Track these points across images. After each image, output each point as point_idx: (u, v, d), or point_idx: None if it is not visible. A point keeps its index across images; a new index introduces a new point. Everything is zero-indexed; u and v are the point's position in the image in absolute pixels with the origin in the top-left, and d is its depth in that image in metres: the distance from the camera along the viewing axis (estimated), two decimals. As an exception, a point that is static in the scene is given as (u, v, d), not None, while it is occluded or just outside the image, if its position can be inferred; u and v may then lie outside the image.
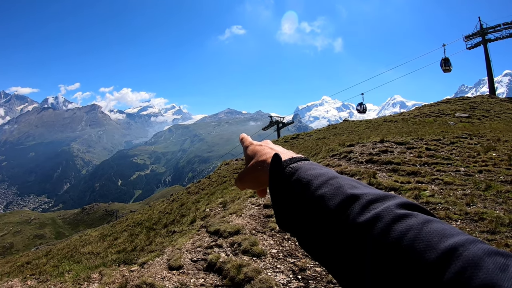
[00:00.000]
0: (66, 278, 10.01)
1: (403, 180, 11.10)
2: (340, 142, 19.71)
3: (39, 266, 14.31)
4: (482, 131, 20.52)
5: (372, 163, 14.03)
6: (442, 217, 7.86)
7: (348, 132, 31.19)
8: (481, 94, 59.67)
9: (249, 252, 7.67)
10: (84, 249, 15.13)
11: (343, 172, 12.90)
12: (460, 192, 9.76)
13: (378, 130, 27.71)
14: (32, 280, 11.35)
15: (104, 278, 8.88)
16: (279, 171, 1.03)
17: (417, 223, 0.71)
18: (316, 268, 6.78)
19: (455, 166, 12.51)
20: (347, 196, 0.84)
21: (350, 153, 16.08)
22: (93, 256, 13.13)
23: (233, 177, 24.93)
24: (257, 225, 9.26)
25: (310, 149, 22.11)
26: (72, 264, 12.28)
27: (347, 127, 36.77)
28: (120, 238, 15.48)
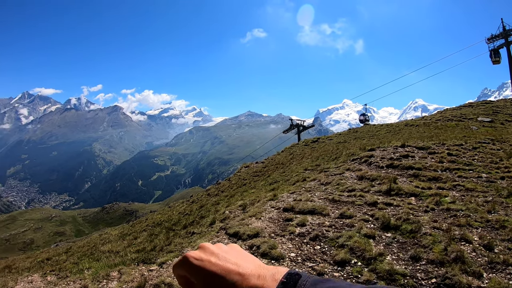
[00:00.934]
0: (86, 275, 10.14)
1: (424, 185, 11.00)
2: (361, 146, 19.58)
3: (59, 262, 14.49)
4: (505, 136, 20.15)
5: (393, 168, 13.92)
6: (462, 224, 7.81)
7: (369, 136, 30.97)
8: (504, 97, 58.69)
9: (268, 255, 7.68)
10: (104, 247, 15.28)
11: (363, 177, 12.87)
12: (481, 199, 9.64)
13: (399, 135, 27.46)
14: (52, 276, 11.50)
15: (123, 276, 8.99)
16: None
17: None
18: (334, 273, 6.78)
19: (477, 172, 12.34)
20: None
21: (371, 157, 15.97)
22: (112, 254, 13.26)
23: (254, 179, 24.95)
24: (276, 228, 9.27)
25: (330, 153, 22.01)
26: (91, 261, 12.42)
27: (368, 131, 36.50)
28: (139, 237, 15.62)
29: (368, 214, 9.13)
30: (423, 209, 9.04)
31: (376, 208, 9.49)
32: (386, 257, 6.82)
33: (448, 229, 7.41)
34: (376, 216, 8.75)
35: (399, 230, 7.88)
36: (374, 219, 8.68)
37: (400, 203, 9.60)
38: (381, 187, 11.25)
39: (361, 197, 10.55)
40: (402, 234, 7.70)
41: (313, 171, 16.71)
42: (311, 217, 9.38)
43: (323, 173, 15.25)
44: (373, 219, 8.73)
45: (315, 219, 9.27)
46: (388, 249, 7.21)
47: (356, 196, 10.65)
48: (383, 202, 9.80)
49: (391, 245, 7.35)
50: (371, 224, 8.45)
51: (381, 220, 8.40)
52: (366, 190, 11.25)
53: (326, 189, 12.11)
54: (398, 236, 7.66)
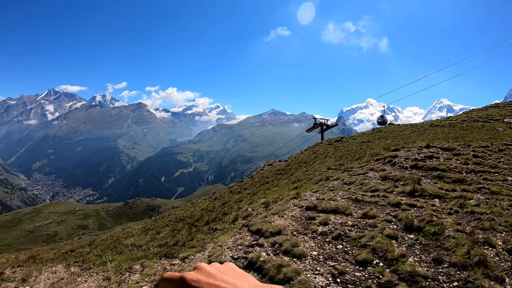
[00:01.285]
0: (109, 267, 10.35)
1: (448, 187, 10.91)
2: (385, 146, 19.47)
3: (82, 254, 14.77)
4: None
5: (417, 169, 13.83)
6: (486, 228, 7.75)
7: (393, 136, 30.72)
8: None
9: (290, 253, 7.75)
10: (126, 241, 15.52)
11: (387, 177, 12.83)
12: (506, 202, 9.50)
13: (424, 135, 27.19)
14: (76, 267, 11.75)
15: (145, 269, 9.17)
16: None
17: None
18: (356, 273, 6.81)
19: (503, 175, 12.17)
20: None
21: (395, 157, 15.88)
22: (135, 248, 13.48)
23: (277, 178, 24.99)
24: (299, 226, 9.32)
25: (354, 153, 21.93)
26: (114, 254, 12.66)
27: (392, 130, 36.20)
28: (162, 232, 15.80)
29: (391, 214, 9.12)
30: (447, 211, 8.97)
31: (400, 209, 9.47)
32: (408, 259, 6.81)
33: (472, 232, 7.36)
34: (399, 217, 8.73)
35: (422, 232, 7.85)
36: (397, 220, 8.66)
37: (423, 205, 9.55)
38: (404, 188, 11.20)
39: (385, 197, 10.53)
40: (425, 236, 7.67)
41: (336, 171, 16.70)
42: (333, 216, 9.42)
43: (346, 172, 15.24)
44: (396, 220, 8.71)
45: (338, 218, 9.30)
46: (411, 250, 7.20)
47: (380, 197, 10.63)
48: (406, 203, 9.77)
49: (414, 247, 7.34)
50: (394, 225, 8.44)
51: (404, 221, 8.38)
52: (390, 190, 11.22)
53: (349, 189, 12.11)
54: (421, 238, 7.64)
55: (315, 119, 55.88)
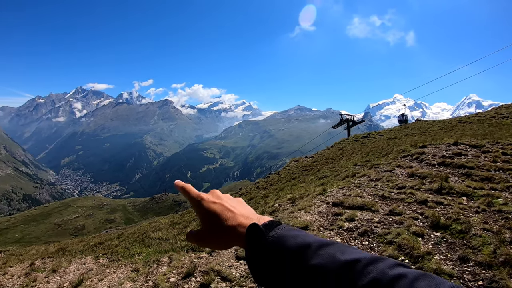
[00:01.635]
0: (137, 259, 10.62)
1: (476, 185, 10.80)
2: (412, 143, 19.31)
3: (111, 247, 15.14)
4: None
5: (445, 166, 13.70)
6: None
7: (420, 133, 30.41)
8: None
9: (317, 248, 7.81)
10: (154, 234, 15.79)
11: (414, 174, 12.79)
12: (536, 201, 9.41)
13: (452, 132, 26.86)
14: (104, 259, 12.08)
15: (173, 262, 9.36)
16: (260, 243, 1.07)
17: (407, 282, 0.83)
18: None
19: (533, 173, 12.02)
20: (341, 263, 0.93)
21: (422, 154, 15.76)
22: (162, 241, 13.71)
23: (303, 174, 25.03)
24: (325, 222, 9.39)
25: (381, 149, 21.84)
26: (142, 247, 12.93)
27: (420, 127, 35.83)
28: (189, 227, 16.00)
29: (418, 212, 9.09)
30: (474, 209, 8.89)
31: (426, 206, 9.43)
32: (434, 256, 6.82)
33: (499, 231, 7.30)
34: (425, 215, 8.71)
35: (448, 230, 7.82)
36: (424, 218, 8.64)
37: (450, 203, 9.50)
38: (432, 185, 11.15)
39: (411, 194, 10.50)
40: (451, 234, 7.64)
41: (363, 167, 16.69)
42: (360, 213, 9.46)
43: (373, 169, 15.22)
44: (423, 217, 8.69)
45: (364, 214, 9.34)
46: (437, 248, 7.19)
47: (406, 194, 10.61)
48: (433, 201, 9.73)
49: (440, 245, 7.33)
50: (421, 222, 8.42)
51: (430, 218, 8.37)
52: (417, 187, 11.18)
53: (376, 185, 12.12)
54: (447, 235, 7.61)
55: (341, 115, 55.50)
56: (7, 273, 12.85)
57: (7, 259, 16.29)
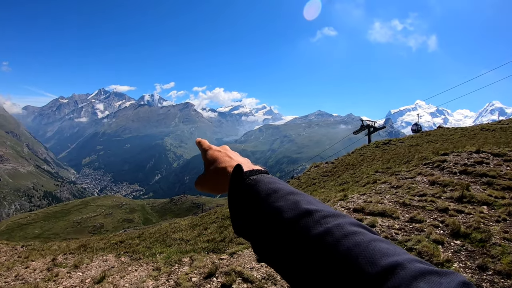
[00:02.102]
0: (158, 258, 10.82)
1: (497, 194, 10.77)
2: (434, 150, 19.21)
3: (132, 245, 15.33)
4: None
5: (466, 175, 13.65)
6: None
7: (442, 140, 30.16)
8: None
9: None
10: (175, 235, 15.94)
11: (435, 182, 12.81)
12: (557, 211, 9.39)
13: (474, 139, 26.60)
14: (126, 257, 12.32)
15: (194, 262, 9.53)
16: (239, 181, 1.13)
17: (364, 240, 0.85)
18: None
19: (556, 183, 11.94)
20: (302, 210, 0.96)
21: (444, 162, 15.69)
22: (183, 242, 13.87)
23: (323, 179, 25.07)
24: (346, 228, 9.48)
25: (402, 156, 21.77)
26: (163, 247, 13.12)
27: (442, 134, 35.53)
28: (209, 228, 16.12)
29: (438, 220, 9.14)
30: (494, 218, 8.90)
31: (447, 214, 9.47)
32: (453, 264, 6.89)
33: (519, 241, 7.37)
34: (446, 223, 8.76)
35: (468, 238, 7.86)
36: (444, 225, 8.69)
37: (471, 211, 9.52)
38: (453, 193, 11.16)
39: (432, 202, 10.53)
40: (471, 243, 7.68)
41: (384, 174, 16.70)
42: (381, 219, 9.54)
43: (394, 176, 15.23)
44: (443, 225, 8.73)
45: (385, 221, 9.41)
46: (456, 256, 7.26)
47: (427, 201, 10.64)
48: (454, 209, 9.75)
49: (459, 253, 7.39)
50: (441, 230, 8.47)
51: (451, 226, 8.42)
52: (438, 195, 11.21)
53: (397, 192, 12.17)
54: (467, 244, 7.66)
55: (362, 121, 55.18)
56: (30, 267, 13.15)
57: (29, 254, 16.65)
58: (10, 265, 13.60)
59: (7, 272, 12.48)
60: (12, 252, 18.05)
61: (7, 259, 15.93)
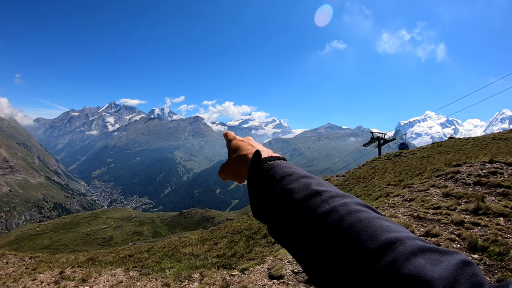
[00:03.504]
0: (167, 274, 10.68)
1: (514, 206, 10.63)
2: (446, 162, 19.00)
3: (141, 260, 15.24)
4: None
5: (480, 186, 13.45)
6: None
7: (454, 151, 29.92)
8: None
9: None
10: (184, 249, 15.84)
11: (449, 194, 12.63)
12: None
13: (486, 149, 26.36)
14: (134, 272, 12.19)
15: (205, 278, 9.38)
16: (257, 166, 1.18)
17: (367, 217, 0.89)
18: None
19: None
20: (312, 191, 0.99)
21: (457, 173, 15.50)
22: (193, 257, 13.76)
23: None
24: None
25: (414, 168, 21.58)
26: (173, 262, 12.99)
27: (453, 145, 35.27)
28: (219, 243, 16.01)
29: (455, 233, 8.96)
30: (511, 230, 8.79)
31: (463, 227, 9.28)
32: (472, 279, 6.75)
33: (539, 253, 7.21)
34: (463, 236, 8.58)
35: (486, 252, 7.67)
36: (461, 239, 8.50)
37: (488, 223, 9.34)
38: (468, 205, 10.99)
39: (447, 215, 10.36)
40: (490, 256, 7.49)
41: (396, 187, 16.54)
42: (395, 234, 9.37)
43: (406, 188, 15.07)
44: (460, 238, 8.55)
45: (400, 236, 9.25)
46: (475, 270, 7.10)
47: (442, 214, 10.48)
48: (470, 222, 9.57)
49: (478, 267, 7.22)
50: (458, 244, 8.30)
51: (468, 240, 8.24)
52: (452, 208, 11.03)
53: (410, 206, 12.00)
54: (485, 258, 7.47)
55: (372, 133, 54.97)
56: (37, 279, 13.02)
57: (37, 265, 16.55)
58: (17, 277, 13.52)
59: (14, 284, 12.41)
60: (20, 263, 18.03)
61: (15, 270, 15.88)
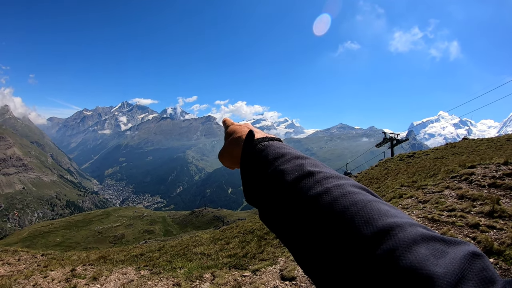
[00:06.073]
0: (179, 273, 10.67)
1: (530, 208, 10.49)
2: (460, 163, 18.81)
3: (152, 259, 15.22)
4: None
5: (495, 188, 13.28)
6: None
7: (468, 152, 29.62)
8: None
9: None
10: (196, 249, 15.81)
11: (464, 196, 12.50)
12: None
13: (501, 150, 26.04)
14: (146, 271, 12.21)
15: (216, 279, 9.36)
16: (250, 146, 1.14)
17: (363, 200, 0.79)
18: None
19: None
20: (305, 172, 0.93)
21: (472, 175, 15.32)
22: (204, 257, 13.72)
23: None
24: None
25: (427, 169, 21.39)
26: (184, 261, 12.96)
27: (467, 146, 34.93)
28: (231, 243, 15.97)
29: (470, 236, 8.85)
30: (528, 234, 8.64)
31: (478, 230, 9.16)
32: (488, 283, 6.67)
33: (556, 257, 7.10)
34: (478, 239, 8.45)
35: (502, 256, 7.55)
36: (476, 242, 8.37)
37: (503, 227, 9.19)
38: (483, 208, 10.85)
39: (462, 217, 10.24)
40: (505, 260, 7.38)
41: (410, 188, 16.41)
42: (409, 236, 9.29)
43: (420, 190, 14.95)
44: (475, 242, 8.42)
45: (414, 238, 9.16)
46: (491, 274, 7.01)
47: (457, 217, 10.36)
48: (485, 224, 9.43)
49: (494, 271, 7.14)
50: (473, 247, 8.21)
51: (483, 243, 8.12)
52: (467, 210, 10.90)
53: (424, 207, 11.88)
54: (501, 262, 7.36)
55: (384, 133, 54.58)
56: (48, 277, 13.07)
57: (48, 263, 16.63)
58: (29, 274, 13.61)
59: (25, 281, 12.49)
60: (32, 260, 18.14)
61: (26, 267, 15.99)
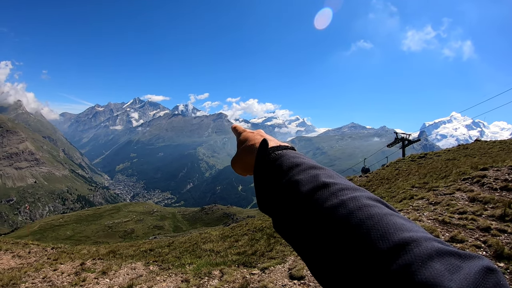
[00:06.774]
0: (187, 269, 10.71)
1: (542, 213, 10.38)
2: (472, 165, 18.66)
3: (161, 254, 15.32)
4: None
5: (507, 191, 13.12)
6: None
7: (480, 154, 29.37)
8: None
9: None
10: (205, 246, 15.84)
11: (475, 199, 12.39)
12: None
13: (514, 153, 25.86)
14: (155, 266, 12.29)
15: (225, 276, 9.37)
16: (264, 155, 1.13)
17: (379, 213, 0.78)
18: None
19: None
20: (320, 183, 0.91)
21: (483, 177, 15.18)
22: (213, 253, 13.74)
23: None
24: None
25: (439, 171, 21.25)
26: (193, 258, 13.05)
27: (479, 148, 34.64)
28: (240, 240, 15.97)
29: (480, 240, 8.76)
30: (540, 238, 8.55)
31: (489, 234, 9.06)
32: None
33: None
34: (489, 243, 8.38)
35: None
36: (487, 246, 8.31)
37: (515, 231, 9.17)
38: (494, 211, 10.74)
39: (473, 220, 10.15)
40: (517, 265, 7.34)
41: (421, 189, 16.30)
42: (419, 238, 9.23)
43: (431, 191, 14.84)
44: (486, 245, 8.36)
45: (424, 240, 9.10)
46: (501, 279, 6.94)
47: (468, 220, 10.26)
48: (496, 228, 9.34)
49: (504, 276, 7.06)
50: (483, 251, 8.13)
51: (494, 247, 8.04)
52: (478, 213, 10.80)
53: (435, 209, 11.80)
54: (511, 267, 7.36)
55: (396, 133, 54.27)
56: (58, 270, 13.22)
57: (58, 256, 16.83)
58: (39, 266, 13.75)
59: (35, 273, 12.62)
60: (42, 253, 18.36)
61: (37, 260, 16.17)
